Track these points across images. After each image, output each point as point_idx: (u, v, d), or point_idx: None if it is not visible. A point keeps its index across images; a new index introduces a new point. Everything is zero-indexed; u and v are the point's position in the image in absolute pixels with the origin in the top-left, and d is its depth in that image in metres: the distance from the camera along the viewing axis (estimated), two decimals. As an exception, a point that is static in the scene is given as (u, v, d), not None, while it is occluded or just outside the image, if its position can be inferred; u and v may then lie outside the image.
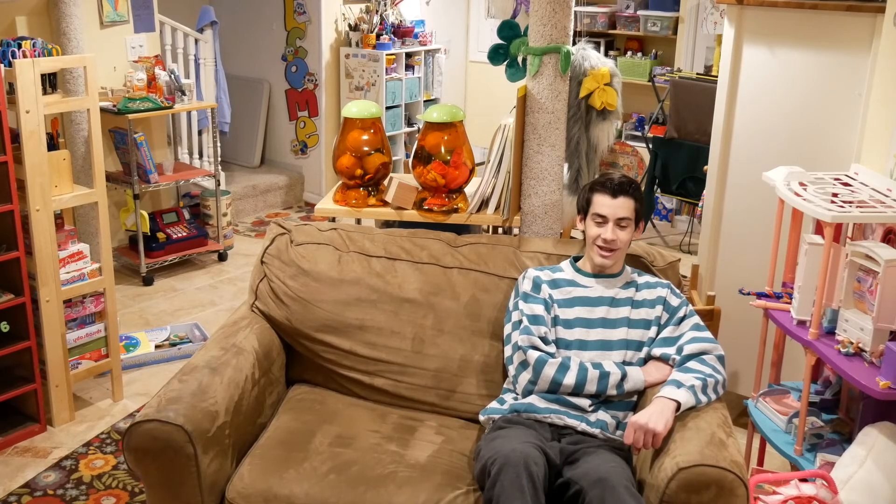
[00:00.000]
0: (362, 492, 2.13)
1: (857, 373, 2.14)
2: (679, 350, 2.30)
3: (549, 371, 2.27)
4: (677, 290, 2.46)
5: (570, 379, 2.26)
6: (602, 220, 2.37)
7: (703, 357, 2.26)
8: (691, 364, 2.24)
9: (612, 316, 2.40)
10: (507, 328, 2.43)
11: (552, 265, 2.57)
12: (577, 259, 2.53)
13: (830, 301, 2.35)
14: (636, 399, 2.35)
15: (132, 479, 2.96)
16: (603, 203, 2.37)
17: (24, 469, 3.03)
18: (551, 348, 2.34)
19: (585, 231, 2.45)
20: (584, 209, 2.45)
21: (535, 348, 2.32)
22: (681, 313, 2.39)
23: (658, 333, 2.38)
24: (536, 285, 2.44)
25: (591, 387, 2.27)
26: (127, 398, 3.55)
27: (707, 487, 1.90)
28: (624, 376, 2.28)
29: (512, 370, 2.36)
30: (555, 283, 2.45)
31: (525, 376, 2.31)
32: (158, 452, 2.08)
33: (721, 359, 2.28)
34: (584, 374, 2.27)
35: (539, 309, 2.38)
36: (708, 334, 2.34)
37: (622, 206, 2.36)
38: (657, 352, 2.35)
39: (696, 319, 2.39)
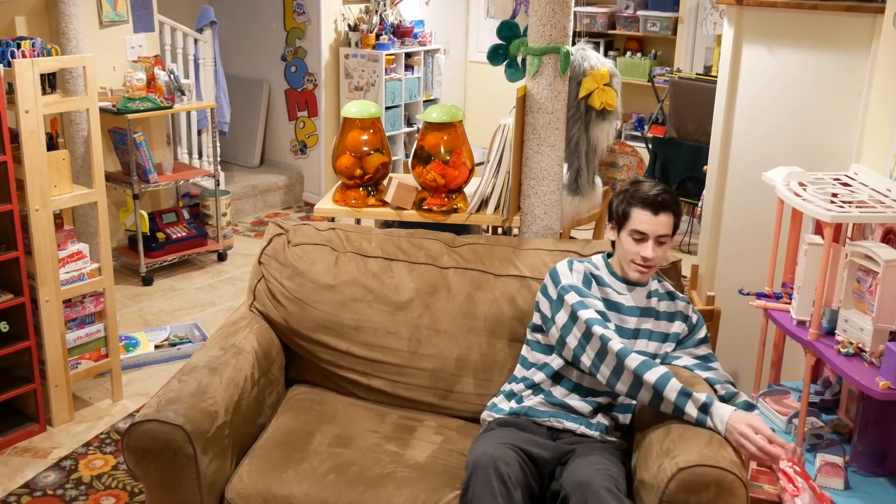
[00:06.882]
0: (361, 492, 2.13)
1: (857, 373, 2.13)
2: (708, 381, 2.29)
3: (632, 363, 2.08)
4: (690, 302, 2.45)
5: (652, 376, 2.06)
6: (641, 237, 2.23)
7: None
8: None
9: (641, 327, 2.33)
10: (561, 317, 2.21)
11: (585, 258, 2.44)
12: (608, 256, 2.42)
13: (830, 301, 2.35)
14: (636, 402, 2.32)
15: (132, 480, 2.96)
16: (644, 220, 2.22)
17: (23, 469, 3.03)
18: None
19: (618, 243, 2.31)
20: (619, 221, 2.28)
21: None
22: (700, 334, 2.38)
23: (674, 349, 2.37)
24: (587, 279, 2.28)
25: (671, 395, 2.05)
26: (126, 398, 3.55)
27: (706, 488, 1.89)
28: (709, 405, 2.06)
29: (587, 361, 2.16)
30: (598, 280, 2.33)
31: (605, 370, 2.12)
32: (158, 453, 2.07)
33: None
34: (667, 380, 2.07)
35: (599, 304, 2.24)
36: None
37: (663, 223, 2.23)
38: (681, 363, 2.32)
39: (708, 344, 2.41)
